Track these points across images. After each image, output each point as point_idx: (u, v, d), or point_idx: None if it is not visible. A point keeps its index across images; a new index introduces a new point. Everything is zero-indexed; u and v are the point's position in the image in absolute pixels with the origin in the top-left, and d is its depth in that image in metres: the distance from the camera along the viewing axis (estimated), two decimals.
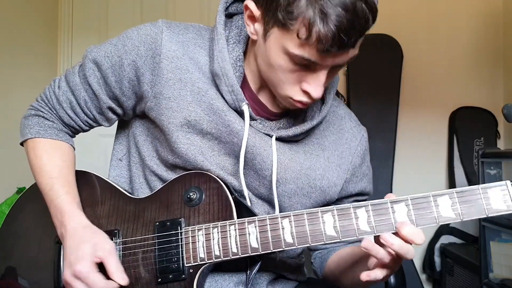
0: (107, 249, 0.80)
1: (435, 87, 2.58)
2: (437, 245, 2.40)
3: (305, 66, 0.75)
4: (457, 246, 2.34)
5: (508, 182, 0.69)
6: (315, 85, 0.77)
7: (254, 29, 0.80)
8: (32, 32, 2.47)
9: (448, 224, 2.43)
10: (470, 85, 2.58)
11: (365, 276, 0.72)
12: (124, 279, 0.79)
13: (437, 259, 2.39)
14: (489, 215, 0.69)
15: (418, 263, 2.47)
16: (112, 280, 0.78)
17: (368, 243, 0.71)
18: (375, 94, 2.48)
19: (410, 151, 2.55)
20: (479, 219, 1.87)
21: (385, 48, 2.51)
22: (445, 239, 2.41)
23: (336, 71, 0.80)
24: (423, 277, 2.48)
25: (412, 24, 2.59)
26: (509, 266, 1.75)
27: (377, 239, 0.72)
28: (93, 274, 0.77)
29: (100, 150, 2.60)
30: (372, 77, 2.50)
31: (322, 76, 0.76)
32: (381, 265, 0.72)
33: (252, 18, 0.79)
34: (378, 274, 0.72)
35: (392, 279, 1.17)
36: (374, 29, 2.75)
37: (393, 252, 0.69)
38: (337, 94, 2.37)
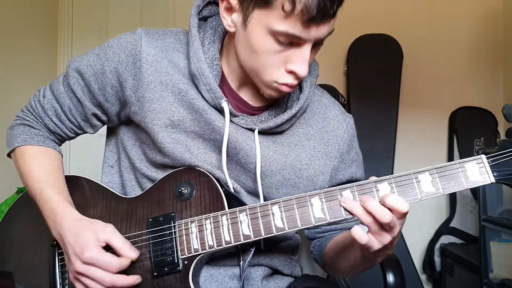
0: (108, 231, 0.81)
1: (435, 87, 2.58)
2: (437, 245, 2.40)
3: (289, 45, 0.77)
4: (457, 246, 2.33)
5: (483, 156, 0.74)
6: (300, 63, 0.78)
7: (231, 21, 0.82)
8: (32, 32, 2.47)
9: (448, 224, 2.44)
10: (470, 85, 2.58)
11: (354, 227, 0.74)
12: (134, 252, 0.81)
13: (437, 259, 2.39)
14: (467, 187, 0.73)
15: (418, 263, 2.46)
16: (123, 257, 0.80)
17: (347, 199, 0.75)
18: (375, 94, 2.48)
19: (410, 151, 2.55)
20: (479, 219, 1.87)
21: (385, 48, 2.51)
22: (445, 239, 2.41)
23: (317, 49, 0.82)
24: (423, 277, 2.48)
25: (412, 24, 2.59)
26: (509, 266, 1.75)
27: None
28: (104, 255, 0.78)
29: (99, 150, 2.60)
30: (372, 77, 2.50)
31: (306, 51, 0.78)
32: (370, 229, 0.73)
33: (229, 9, 0.82)
34: (363, 236, 0.73)
35: (391, 279, 1.17)
36: (374, 29, 2.74)
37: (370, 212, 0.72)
38: (337, 94, 2.37)
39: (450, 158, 2.50)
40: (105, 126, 1.03)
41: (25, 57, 2.40)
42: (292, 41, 0.77)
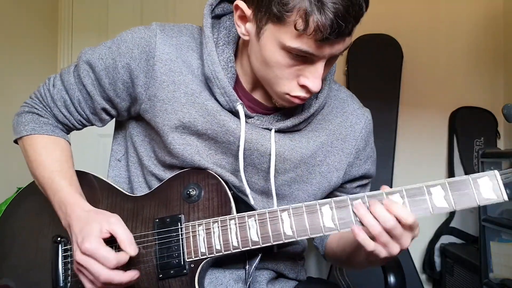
0: (112, 221, 0.79)
1: (435, 87, 2.58)
2: (437, 245, 2.40)
3: (302, 59, 0.76)
4: (457, 246, 2.33)
5: (497, 172, 0.73)
6: (313, 78, 0.77)
7: (245, 29, 0.80)
8: (32, 32, 2.47)
9: (448, 224, 2.44)
10: (470, 85, 2.57)
11: (356, 229, 0.73)
12: (134, 249, 0.78)
13: (437, 259, 2.39)
14: (480, 204, 0.72)
15: (418, 263, 2.46)
16: (122, 251, 0.78)
17: (359, 205, 0.74)
18: (375, 94, 2.47)
19: (410, 151, 2.55)
20: (479, 219, 1.87)
21: (385, 48, 2.51)
22: (445, 239, 2.41)
23: (332, 62, 0.80)
24: (423, 277, 2.48)
25: (412, 24, 2.59)
26: (509, 266, 1.75)
27: None
28: (102, 248, 0.76)
29: (99, 150, 2.61)
30: (372, 77, 2.50)
31: (320, 68, 0.76)
32: (373, 237, 0.73)
33: (243, 18, 0.80)
34: (367, 242, 0.73)
35: (392, 279, 1.17)
36: (374, 29, 2.74)
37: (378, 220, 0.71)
38: None
39: (450, 158, 2.49)
40: (112, 121, 1.02)
41: (25, 57, 2.40)
42: (306, 56, 0.75)
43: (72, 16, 2.77)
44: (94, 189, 0.93)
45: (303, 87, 0.79)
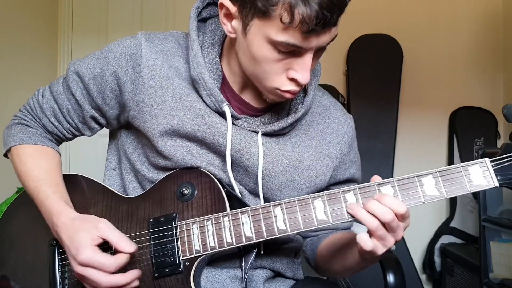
0: (101, 227, 0.79)
1: (435, 87, 2.58)
2: (437, 245, 2.40)
3: (290, 53, 0.76)
4: (457, 246, 2.34)
5: (487, 159, 0.73)
6: (302, 71, 0.77)
7: (231, 27, 0.81)
8: (32, 33, 2.47)
9: (448, 224, 2.44)
10: (470, 85, 2.58)
11: (358, 236, 0.73)
12: (131, 246, 0.78)
13: (437, 259, 2.39)
14: (471, 191, 0.73)
15: (418, 263, 2.47)
16: (120, 252, 0.77)
17: (352, 204, 0.74)
18: (375, 94, 2.48)
19: (410, 151, 2.55)
20: (479, 219, 1.87)
21: (385, 48, 2.51)
22: (445, 239, 2.41)
23: (319, 54, 0.81)
24: (423, 277, 2.48)
25: (412, 24, 2.59)
26: (509, 266, 1.75)
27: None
28: (99, 256, 0.76)
29: (99, 150, 2.60)
30: (372, 77, 2.50)
31: (308, 60, 0.77)
32: (371, 233, 0.73)
33: (229, 15, 0.80)
34: (368, 242, 0.72)
35: (391, 279, 1.17)
36: (374, 29, 2.74)
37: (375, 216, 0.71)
38: (337, 94, 2.37)
39: (450, 158, 2.50)
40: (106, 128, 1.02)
41: (25, 57, 2.40)
42: (293, 50, 0.75)
43: (72, 17, 2.77)
44: (87, 192, 0.93)
45: (293, 80, 0.79)
